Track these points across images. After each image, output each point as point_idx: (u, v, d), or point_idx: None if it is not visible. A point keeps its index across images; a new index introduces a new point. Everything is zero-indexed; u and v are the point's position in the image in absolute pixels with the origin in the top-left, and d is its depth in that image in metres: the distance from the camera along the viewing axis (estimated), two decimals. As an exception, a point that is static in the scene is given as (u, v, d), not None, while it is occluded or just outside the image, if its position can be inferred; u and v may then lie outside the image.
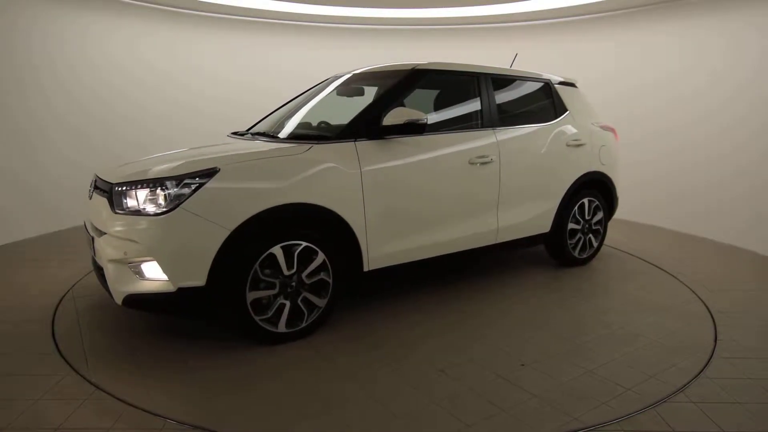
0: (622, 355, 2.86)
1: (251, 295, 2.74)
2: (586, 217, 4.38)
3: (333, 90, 3.95)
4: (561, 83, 4.37)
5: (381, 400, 2.39)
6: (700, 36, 5.91)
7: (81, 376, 2.54)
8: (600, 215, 4.47)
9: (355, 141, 3.08)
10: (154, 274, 2.63)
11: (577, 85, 4.54)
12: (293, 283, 2.87)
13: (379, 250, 3.18)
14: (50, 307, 3.41)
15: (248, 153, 2.89)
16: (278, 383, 2.52)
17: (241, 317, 2.75)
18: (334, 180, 2.95)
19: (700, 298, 3.76)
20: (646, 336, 3.11)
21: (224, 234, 2.62)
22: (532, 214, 3.99)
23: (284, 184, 2.79)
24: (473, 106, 3.81)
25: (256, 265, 2.73)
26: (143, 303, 2.72)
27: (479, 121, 3.75)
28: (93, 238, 2.89)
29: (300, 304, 2.92)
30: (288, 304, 2.87)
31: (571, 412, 2.31)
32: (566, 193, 4.16)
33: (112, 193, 2.76)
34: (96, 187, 3.02)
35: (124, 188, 2.71)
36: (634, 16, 6.49)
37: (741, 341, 3.06)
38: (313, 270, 2.93)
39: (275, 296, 2.84)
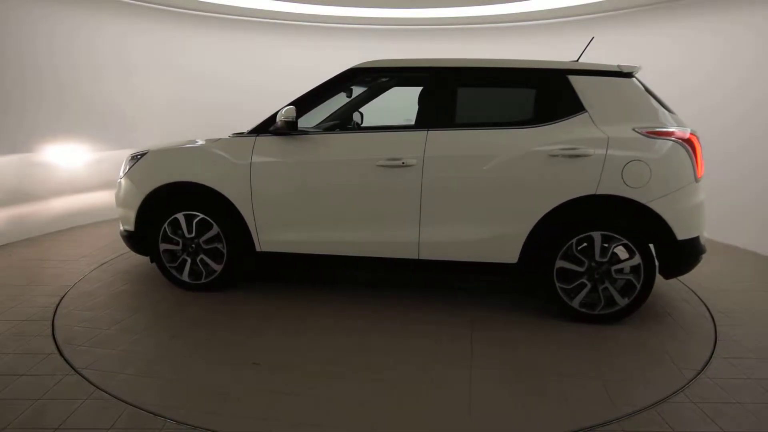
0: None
1: (162, 246, 3.69)
2: (598, 259, 3.20)
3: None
4: (589, 73, 3.29)
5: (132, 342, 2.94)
6: (698, 36, 5.90)
7: (81, 376, 2.55)
8: (635, 261, 3.16)
9: (257, 136, 3.50)
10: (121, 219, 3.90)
11: (633, 74, 3.36)
12: (193, 245, 3.64)
13: (270, 236, 3.53)
14: (50, 307, 3.41)
15: (178, 143, 3.78)
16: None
17: (158, 261, 3.74)
18: (224, 168, 3.50)
19: (700, 298, 3.77)
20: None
21: (141, 196, 3.65)
22: (481, 237, 3.25)
23: (183, 167, 3.59)
24: (410, 104, 3.60)
25: (165, 225, 3.63)
26: (123, 238, 3.93)
27: (413, 122, 3.42)
28: None
29: (198, 263, 3.67)
30: (189, 261, 3.68)
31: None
32: (543, 219, 3.17)
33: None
34: None
35: (126, 161, 3.86)
36: (634, 16, 6.49)
37: (741, 341, 3.06)
38: (209, 238, 3.63)
39: (181, 252, 3.68)
